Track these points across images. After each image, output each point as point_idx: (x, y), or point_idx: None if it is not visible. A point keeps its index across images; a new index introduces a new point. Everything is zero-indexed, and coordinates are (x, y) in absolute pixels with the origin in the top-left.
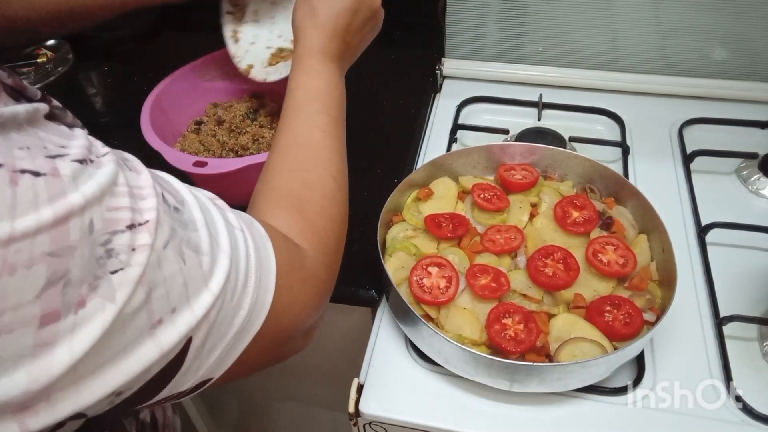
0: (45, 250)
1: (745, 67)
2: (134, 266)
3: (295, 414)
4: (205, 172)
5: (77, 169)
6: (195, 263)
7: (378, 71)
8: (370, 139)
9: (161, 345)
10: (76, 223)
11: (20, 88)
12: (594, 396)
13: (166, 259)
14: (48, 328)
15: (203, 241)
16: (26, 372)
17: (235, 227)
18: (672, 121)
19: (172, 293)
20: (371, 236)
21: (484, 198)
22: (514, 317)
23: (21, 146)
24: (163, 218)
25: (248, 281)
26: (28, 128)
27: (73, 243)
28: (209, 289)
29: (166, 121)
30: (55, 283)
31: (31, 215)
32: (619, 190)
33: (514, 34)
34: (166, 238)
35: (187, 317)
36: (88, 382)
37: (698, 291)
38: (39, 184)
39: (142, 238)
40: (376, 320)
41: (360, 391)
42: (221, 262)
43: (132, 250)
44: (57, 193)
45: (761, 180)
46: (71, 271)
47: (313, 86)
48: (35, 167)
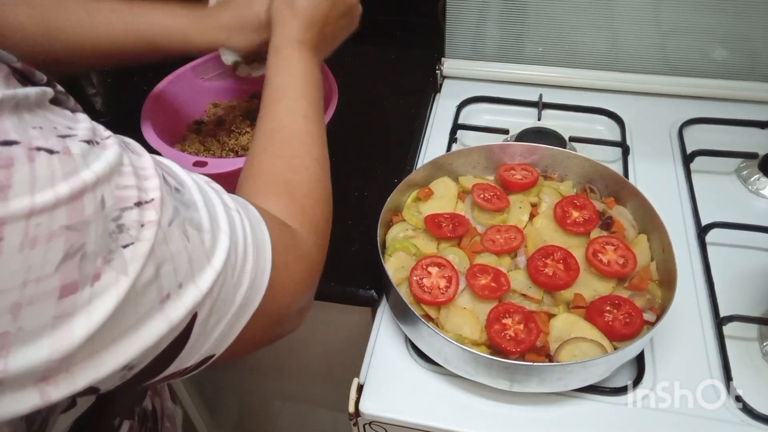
0: (63, 223)
1: (745, 67)
2: (144, 241)
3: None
4: (205, 172)
5: (86, 149)
6: (198, 241)
7: (378, 71)
8: (370, 139)
9: (170, 319)
10: (89, 198)
11: (28, 72)
12: (594, 396)
13: (172, 235)
14: (67, 300)
15: (204, 220)
16: (48, 342)
17: (232, 208)
18: (672, 121)
19: (178, 269)
20: (371, 236)
21: (484, 198)
22: (514, 317)
23: (34, 126)
24: (166, 197)
25: (246, 259)
26: (38, 110)
27: (88, 217)
28: (212, 265)
29: (166, 121)
30: (73, 256)
31: (48, 190)
32: (619, 190)
33: (515, 34)
34: (170, 215)
35: (192, 292)
36: (104, 354)
37: (698, 291)
38: (54, 162)
39: (150, 215)
40: (376, 320)
41: (360, 391)
42: (221, 240)
43: (141, 226)
44: (71, 170)
45: (761, 180)
46: (87, 245)
47: (292, 74)
48: (49, 145)
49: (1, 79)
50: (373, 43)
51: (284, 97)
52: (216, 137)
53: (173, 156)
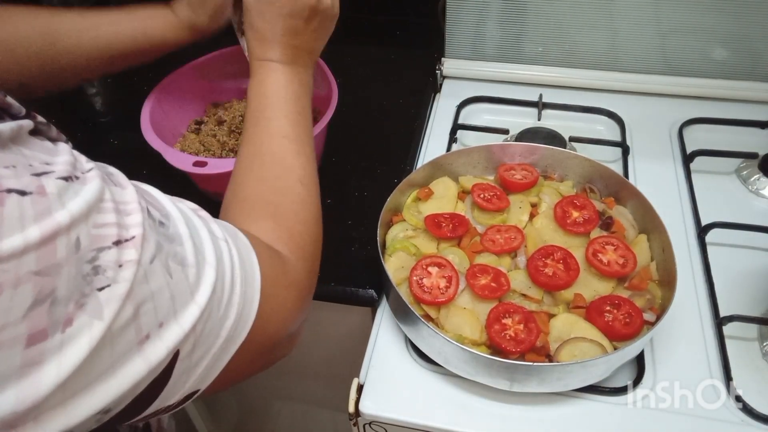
0: (31, 269)
1: (745, 67)
2: (121, 282)
3: (295, 414)
4: (205, 172)
5: (63, 187)
6: (181, 276)
7: (378, 71)
8: (370, 139)
9: (149, 360)
10: (62, 241)
11: (5, 106)
12: (594, 396)
13: (153, 273)
14: (35, 348)
15: (189, 253)
16: (13, 392)
17: (219, 238)
18: (672, 121)
19: (159, 307)
20: (371, 236)
21: (484, 198)
22: (514, 317)
23: (6, 165)
24: (149, 233)
25: (234, 291)
26: (12, 146)
27: (59, 261)
28: (195, 301)
29: (166, 121)
30: (42, 302)
31: (17, 235)
32: (619, 190)
33: (514, 34)
34: (152, 252)
35: (174, 331)
36: (76, 401)
37: (698, 291)
38: (25, 203)
39: (129, 254)
40: (376, 320)
41: (360, 391)
42: (207, 274)
43: (119, 266)
44: (43, 211)
45: (761, 180)
46: (58, 289)
47: (266, 94)
48: (21, 186)
49: None
50: (373, 43)
51: (262, 119)
52: (216, 137)
53: (173, 156)
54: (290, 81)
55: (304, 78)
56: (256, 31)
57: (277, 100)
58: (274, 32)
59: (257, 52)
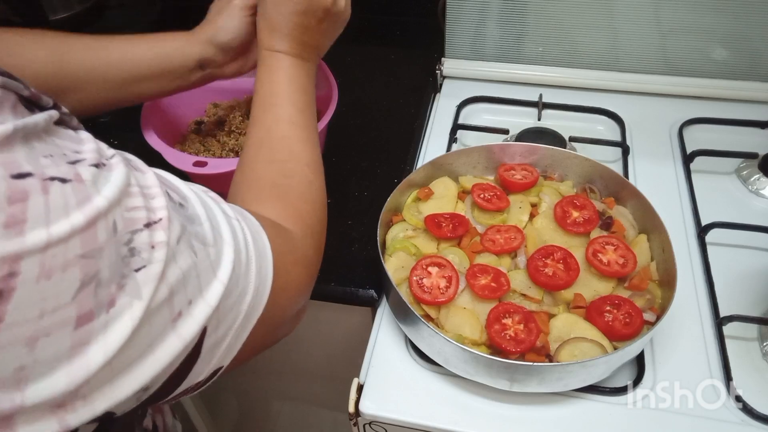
0: (77, 252)
1: (745, 67)
2: (155, 263)
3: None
4: (205, 172)
5: (95, 174)
6: (204, 255)
7: (378, 71)
8: (370, 139)
9: (183, 336)
10: (102, 224)
11: (35, 98)
12: (594, 396)
13: (181, 253)
14: (83, 329)
15: (208, 233)
16: (64, 372)
17: (232, 217)
18: (672, 121)
19: (188, 286)
20: (371, 236)
21: (484, 198)
22: (514, 317)
23: (45, 154)
24: (173, 215)
25: (249, 269)
26: (46, 137)
27: (101, 244)
28: (218, 278)
29: (166, 121)
30: (88, 284)
31: (63, 221)
32: (619, 190)
33: (515, 34)
34: (178, 233)
35: (202, 307)
36: (120, 379)
37: (698, 291)
38: (67, 190)
39: (159, 236)
40: (376, 320)
41: (360, 391)
42: (226, 252)
43: (152, 248)
44: (83, 197)
45: (761, 180)
46: (101, 271)
47: (276, 82)
48: (61, 174)
49: (8, 108)
50: (373, 43)
51: (271, 105)
52: (216, 137)
53: (173, 156)
54: (298, 72)
55: (310, 71)
56: (269, 22)
57: (285, 89)
58: (286, 26)
59: (267, 41)
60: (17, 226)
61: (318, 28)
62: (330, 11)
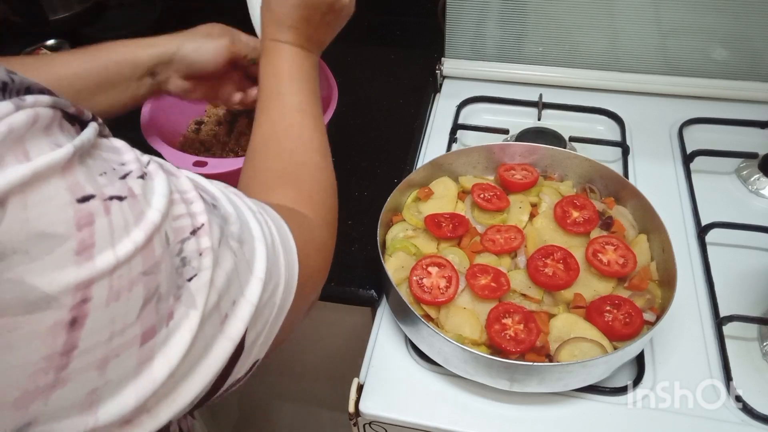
0: (140, 270)
1: (745, 67)
2: (204, 270)
3: (295, 414)
4: (205, 172)
5: (143, 185)
6: (241, 254)
7: (378, 71)
8: (370, 139)
9: (232, 338)
10: (157, 238)
11: (79, 114)
12: (594, 396)
13: (222, 256)
14: (147, 345)
15: (240, 232)
16: (132, 390)
17: (256, 212)
18: (672, 121)
19: (231, 287)
20: (371, 236)
21: (484, 198)
22: (514, 317)
23: (100, 172)
24: (211, 218)
25: (278, 261)
26: (95, 152)
27: (158, 258)
28: (255, 275)
29: (166, 121)
30: (150, 300)
31: (126, 240)
32: (619, 190)
33: (515, 34)
34: (218, 236)
35: (245, 306)
36: (181, 388)
37: (698, 291)
38: (125, 208)
39: (204, 242)
40: (376, 320)
41: (360, 391)
42: (258, 248)
43: (200, 255)
44: (139, 213)
45: (761, 180)
46: (161, 286)
47: (281, 71)
48: (117, 191)
49: (56, 127)
50: (373, 43)
51: (277, 94)
52: (216, 137)
53: (173, 156)
54: (302, 62)
55: (314, 62)
56: (273, 13)
57: (290, 78)
58: (290, 18)
59: (271, 32)
60: (87, 251)
61: (321, 21)
62: (334, 6)
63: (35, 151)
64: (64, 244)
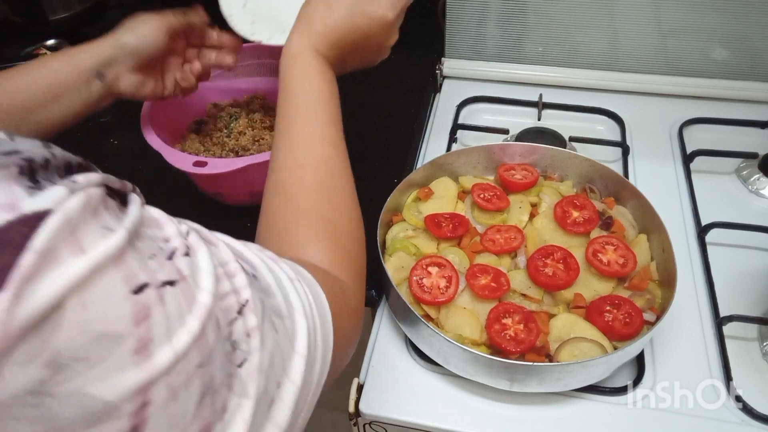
0: (196, 363)
1: (745, 67)
2: (253, 353)
3: None
4: (205, 172)
5: (189, 263)
6: (282, 329)
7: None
8: (370, 139)
9: (280, 425)
10: (210, 325)
11: (123, 188)
12: (594, 396)
13: (267, 334)
14: None
15: (281, 304)
16: None
17: (294, 279)
18: (672, 121)
19: (275, 367)
20: (371, 236)
21: (484, 198)
22: (514, 317)
23: (149, 255)
24: (254, 293)
25: (317, 333)
26: (141, 231)
27: (212, 347)
28: (297, 351)
29: (166, 121)
30: (206, 395)
31: (181, 330)
32: (619, 190)
33: (515, 34)
34: (261, 312)
35: (289, 389)
36: None
37: (698, 291)
38: (177, 293)
39: (251, 320)
40: (376, 320)
41: (360, 391)
42: (299, 321)
43: (247, 336)
44: (191, 298)
45: (761, 180)
46: (215, 377)
47: (318, 90)
48: (168, 276)
49: (102, 206)
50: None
51: (313, 120)
52: (216, 137)
53: (173, 156)
54: (334, 83)
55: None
56: (329, 22)
57: (329, 101)
58: (344, 37)
59: (318, 41)
60: (145, 350)
61: (360, 56)
62: (381, 46)
63: (88, 240)
64: (122, 344)
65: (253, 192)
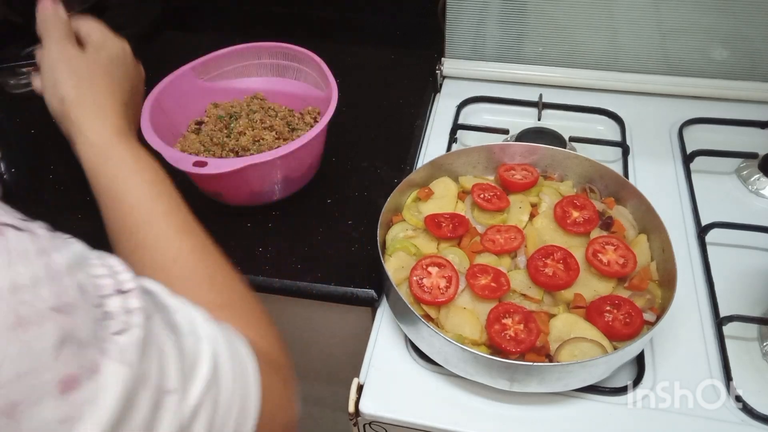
0: (49, 304)
1: (745, 67)
2: (134, 327)
3: None
4: (205, 172)
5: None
6: (179, 342)
7: (378, 71)
8: (371, 139)
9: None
10: (66, 279)
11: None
12: (594, 396)
13: (155, 323)
14: (71, 397)
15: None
16: None
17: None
18: (672, 121)
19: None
20: (371, 236)
21: (484, 198)
22: (514, 317)
23: None
24: (142, 295)
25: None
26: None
27: (72, 301)
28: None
29: (166, 121)
30: (66, 342)
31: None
32: (619, 190)
33: (515, 34)
34: (147, 307)
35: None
36: None
37: (698, 291)
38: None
39: (133, 303)
40: (376, 320)
41: (360, 391)
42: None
43: (127, 312)
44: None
45: (761, 180)
46: (77, 330)
47: (143, 182)
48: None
49: None
50: (373, 43)
51: (154, 219)
52: (216, 137)
53: (173, 156)
54: (147, 157)
55: None
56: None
57: (158, 186)
58: (122, 106)
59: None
60: None
61: (133, 93)
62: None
63: None
64: None
65: (253, 192)
